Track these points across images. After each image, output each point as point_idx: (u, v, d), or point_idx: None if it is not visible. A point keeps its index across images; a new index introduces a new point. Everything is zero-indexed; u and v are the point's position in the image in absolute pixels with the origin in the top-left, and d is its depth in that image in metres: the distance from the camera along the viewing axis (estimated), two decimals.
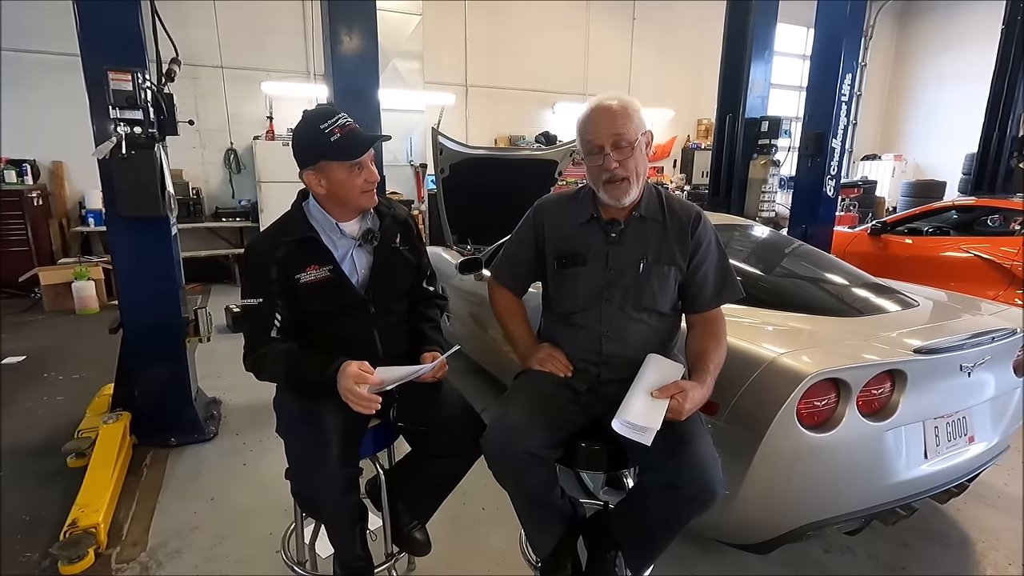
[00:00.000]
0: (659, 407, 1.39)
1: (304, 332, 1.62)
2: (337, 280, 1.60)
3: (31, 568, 2.06)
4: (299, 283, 1.56)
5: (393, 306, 1.73)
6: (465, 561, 2.09)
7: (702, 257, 1.61)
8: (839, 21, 4.52)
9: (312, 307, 1.59)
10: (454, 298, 3.58)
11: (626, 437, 1.37)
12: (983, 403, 1.97)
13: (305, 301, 1.58)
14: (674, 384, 1.44)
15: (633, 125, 1.49)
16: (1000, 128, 5.58)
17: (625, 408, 1.40)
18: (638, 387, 1.45)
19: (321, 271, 1.58)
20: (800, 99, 9.29)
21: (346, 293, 1.61)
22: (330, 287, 1.59)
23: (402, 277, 1.74)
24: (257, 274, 1.58)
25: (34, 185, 6.03)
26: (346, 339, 1.63)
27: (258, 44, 7.04)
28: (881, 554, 2.18)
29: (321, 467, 1.47)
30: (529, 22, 8.59)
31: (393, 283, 1.71)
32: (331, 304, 1.61)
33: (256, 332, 1.58)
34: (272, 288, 1.56)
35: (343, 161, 1.53)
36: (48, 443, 2.90)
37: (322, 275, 1.58)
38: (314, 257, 1.58)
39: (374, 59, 3.19)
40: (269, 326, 1.56)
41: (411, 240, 1.76)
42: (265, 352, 1.56)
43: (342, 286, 1.60)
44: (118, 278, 2.84)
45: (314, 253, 1.58)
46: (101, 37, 2.50)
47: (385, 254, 1.68)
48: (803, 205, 4.93)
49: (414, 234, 1.78)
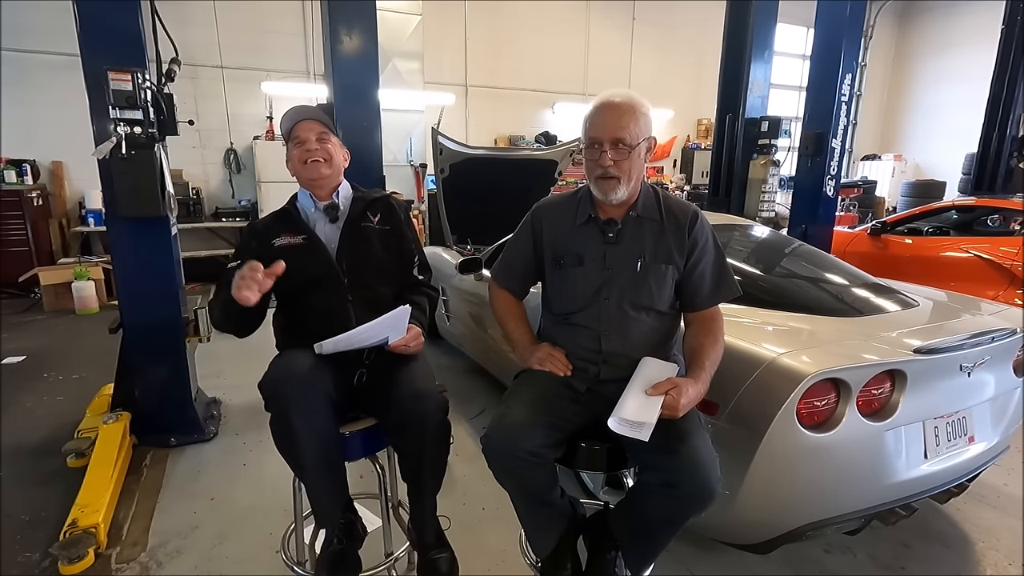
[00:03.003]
0: (653, 403, 1.40)
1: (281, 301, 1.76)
2: (311, 247, 1.74)
3: (31, 568, 2.06)
4: (274, 247, 1.71)
5: (369, 281, 1.78)
6: (465, 561, 2.08)
7: (699, 256, 1.62)
8: (839, 21, 4.52)
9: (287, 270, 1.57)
10: (454, 298, 3.58)
11: (624, 435, 1.37)
12: (983, 403, 1.97)
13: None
14: (668, 380, 1.44)
15: (638, 128, 1.50)
16: (1000, 128, 5.58)
17: (620, 407, 1.41)
18: (633, 387, 1.46)
19: (296, 238, 1.74)
20: (800, 99, 9.29)
21: (319, 260, 1.73)
22: (302, 252, 1.72)
23: (376, 253, 1.81)
24: (241, 246, 1.83)
25: (34, 185, 6.03)
26: (321, 310, 1.72)
27: (258, 44, 7.04)
28: (881, 554, 2.18)
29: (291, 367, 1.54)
30: (529, 22, 8.59)
31: (365, 257, 1.78)
32: (305, 270, 1.69)
33: (222, 286, 1.65)
34: (249, 256, 1.61)
35: (289, 139, 1.77)
36: (48, 443, 2.90)
37: (296, 241, 1.74)
38: (289, 227, 1.76)
39: (374, 59, 3.19)
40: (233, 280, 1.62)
41: (391, 220, 1.86)
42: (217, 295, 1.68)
43: (316, 252, 1.73)
44: (118, 278, 2.84)
45: (289, 223, 1.77)
46: (101, 37, 2.50)
47: (352, 229, 1.79)
48: (803, 205, 4.93)
49: (396, 215, 1.88)
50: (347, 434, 1.67)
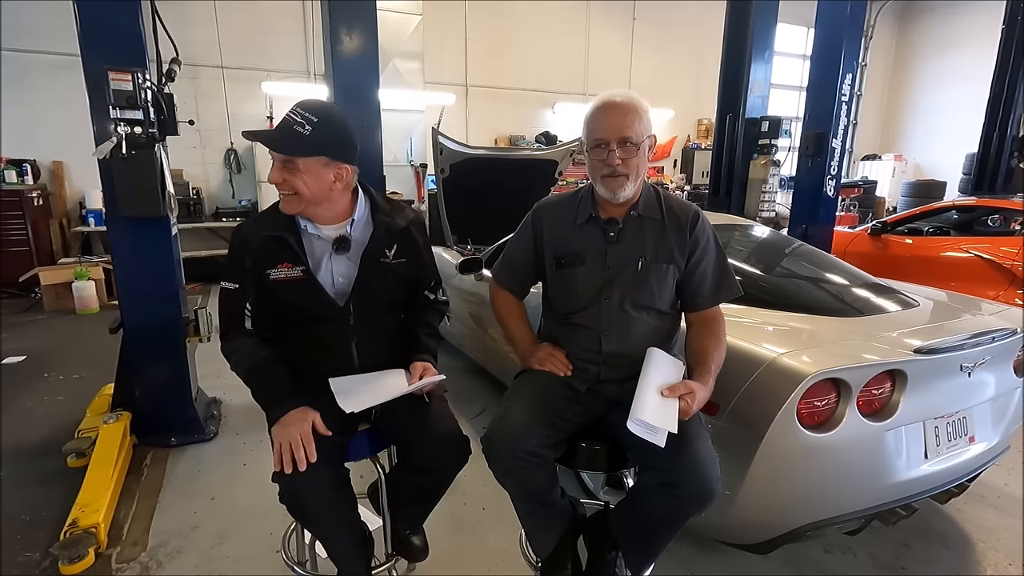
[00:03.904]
0: (671, 407, 1.38)
1: (280, 326, 1.59)
2: (309, 283, 1.54)
3: (31, 568, 2.06)
4: (269, 278, 1.52)
5: (379, 316, 1.65)
6: (465, 561, 2.09)
7: (700, 255, 1.62)
8: (839, 21, 4.52)
9: (286, 303, 1.56)
10: (454, 298, 3.57)
11: (639, 437, 1.35)
12: (983, 403, 1.97)
13: (278, 297, 1.55)
14: (683, 384, 1.44)
15: (641, 126, 1.50)
16: (1000, 128, 5.58)
17: (641, 407, 1.37)
18: (648, 385, 1.43)
19: (294, 270, 1.53)
20: (800, 99, 9.29)
21: (320, 299, 1.56)
22: (302, 288, 1.54)
23: (392, 290, 1.65)
24: (235, 260, 1.55)
25: (34, 185, 6.03)
26: (321, 343, 1.61)
27: (258, 44, 7.04)
28: (881, 554, 2.18)
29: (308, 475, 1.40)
30: (529, 22, 8.59)
31: (380, 296, 1.62)
32: (305, 305, 1.56)
33: (229, 318, 1.57)
34: (247, 278, 1.54)
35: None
36: (48, 443, 2.90)
37: (294, 275, 1.53)
38: (286, 256, 1.53)
39: (374, 59, 3.19)
40: (241, 313, 1.55)
41: (411, 251, 1.65)
42: (237, 346, 1.55)
43: (314, 290, 1.55)
44: (118, 278, 2.84)
45: (287, 252, 1.53)
46: (101, 37, 2.50)
47: (372, 266, 1.58)
48: (803, 205, 4.92)
49: (417, 243, 1.67)
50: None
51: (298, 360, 1.60)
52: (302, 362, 1.60)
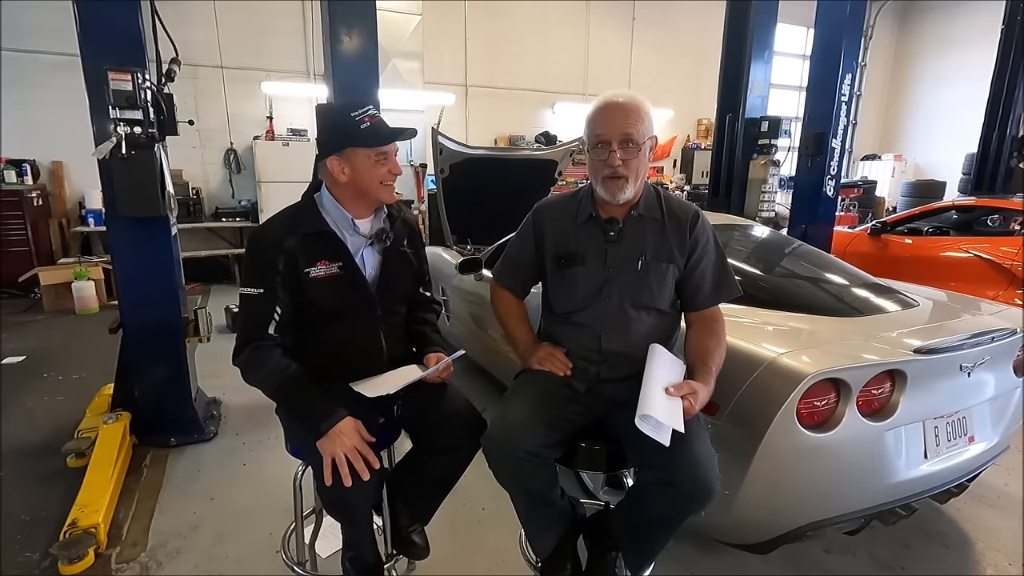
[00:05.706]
0: (677, 406, 1.39)
1: (304, 329, 1.59)
2: (348, 277, 1.57)
3: (31, 568, 2.06)
4: (308, 276, 1.52)
5: (396, 308, 1.73)
6: (465, 561, 2.09)
7: (700, 255, 1.62)
8: (839, 21, 4.52)
9: (320, 302, 1.56)
10: (454, 298, 3.58)
11: (640, 436, 1.35)
12: (983, 403, 1.97)
13: (312, 296, 1.55)
14: (687, 383, 1.44)
15: (643, 126, 1.51)
16: (1000, 128, 5.58)
17: (649, 404, 1.36)
18: (654, 382, 1.42)
19: (332, 267, 1.55)
20: (800, 99, 9.28)
21: (357, 291, 1.59)
22: (339, 284, 1.56)
23: (407, 280, 1.75)
24: (262, 263, 1.52)
25: (34, 185, 6.04)
26: (350, 340, 1.62)
27: (258, 44, 7.04)
28: (881, 554, 2.18)
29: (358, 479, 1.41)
30: (529, 22, 8.59)
31: (399, 285, 1.71)
32: (339, 301, 1.58)
33: (251, 324, 1.52)
34: (276, 280, 1.51)
35: (371, 148, 1.53)
36: (48, 443, 2.90)
37: (332, 271, 1.55)
38: (326, 252, 1.55)
39: (374, 59, 3.19)
40: (267, 319, 1.51)
41: (416, 245, 1.79)
42: (257, 360, 1.50)
43: (353, 283, 1.58)
44: (118, 278, 2.84)
45: (327, 248, 1.55)
46: (101, 37, 2.50)
47: (394, 256, 1.68)
48: (803, 205, 4.92)
49: (419, 239, 1.81)
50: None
51: (327, 361, 1.61)
52: (333, 361, 1.62)
